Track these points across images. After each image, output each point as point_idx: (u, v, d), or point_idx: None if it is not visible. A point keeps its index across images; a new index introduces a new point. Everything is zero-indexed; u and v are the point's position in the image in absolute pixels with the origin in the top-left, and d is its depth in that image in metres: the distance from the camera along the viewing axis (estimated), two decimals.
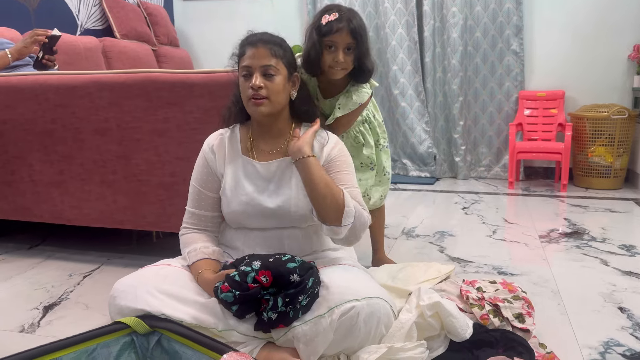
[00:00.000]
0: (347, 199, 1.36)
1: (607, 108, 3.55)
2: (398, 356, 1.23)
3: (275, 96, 1.40)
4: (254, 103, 1.39)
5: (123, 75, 1.95)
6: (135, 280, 1.35)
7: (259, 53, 1.39)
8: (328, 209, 1.35)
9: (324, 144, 1.49)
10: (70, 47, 3.07)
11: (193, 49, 4.61)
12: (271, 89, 1.38)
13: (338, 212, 1.35)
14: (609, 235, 2.49)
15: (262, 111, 1.39)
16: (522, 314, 1.41)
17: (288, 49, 1.47)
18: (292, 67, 1.47)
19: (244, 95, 1.42)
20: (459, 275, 1.93)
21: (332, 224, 1.36)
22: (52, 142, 2.10)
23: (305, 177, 1.38)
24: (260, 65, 1.38)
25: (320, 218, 1.38)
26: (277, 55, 1.40)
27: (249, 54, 1.40)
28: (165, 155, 1.96)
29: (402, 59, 3.96)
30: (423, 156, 4.02)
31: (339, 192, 1.37)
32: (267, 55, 1.39)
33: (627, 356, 1.37)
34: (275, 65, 1.39)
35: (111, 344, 1.23)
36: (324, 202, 1.35)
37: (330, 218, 1.36)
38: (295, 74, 1.48)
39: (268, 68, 1.38)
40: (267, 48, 1.40)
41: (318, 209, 1.37)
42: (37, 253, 2.31)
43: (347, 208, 1.35)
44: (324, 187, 1.35)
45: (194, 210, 1.52)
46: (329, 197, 1.35)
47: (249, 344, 1.28)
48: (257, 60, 1.38)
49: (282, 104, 1.44)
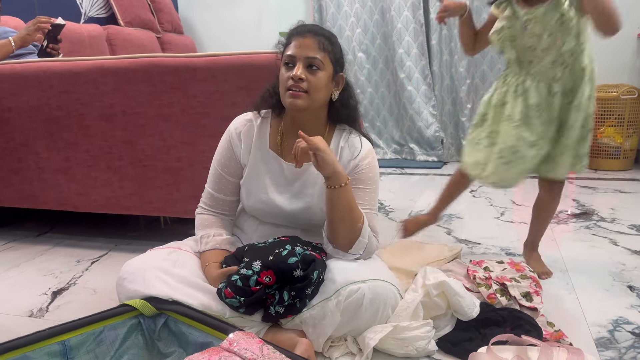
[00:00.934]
0: (365, 229, 1.31)
1: (616, 88, 3.50)
2: (404, 335, 1.22)
3: (316, 92, 1.31)
4: (291, 94, 1.30)
5: (126, 61, 1.95)
6: (144, 263, 1.34)
7: (305, 43, 1.31)
8: (342, 233, 1.30)
9: (355, 153, 1.40)
10: (74, 36, 3.07)
11: (197, 36, 4.59)
12: (313, 83, 1.30)
13: (351, 240, 1.30)
14: (618, 215, 2.47)
15: (299, 104, 1.31)
16: (530, 292, 1.40)
17: (337, 45, 1.37)
18: (339, 65, 1.38)
19: (282, 85, 1.34)
20: (467, 257, 1.92)
21: (340, 248, 1.32)
22: (57, 129, 2.10)
23: (332, 200, 1.28)
24: (305, 57, 1.30)
25: (330, 238, 1.33)
26: (325, 49, 1.32)
27: (295, 43, 1.32)
28: (170, 140, 1.95)
29: (408, 41, 3.92)
30: (430, 140, 3.99)
31: (359, 220, 1.30)
32: (314, 47, 1.31)
33: (636, 334, 1.36)
34: (321, 59, 1.31)
35: (118, 326, 1.23)
36: (340, 225, 1.29)
37: (341, 243, 1.31)
38: (341, 73, 1.39)
39: (313, 60, 1.30)
40: (315, 40, 1.31)
41: (331, 230, 1.32)
42: (45, 240, 2.32)
43: (362, 239, 1.30)
44: (346, 212, 1.29)
45: (212, 192, 1.49)
46: (348, 223, 1.29)
47: (255, 326, 1.28)
48: (302, 51, 1.30)
49: (321, 102, 1.35)
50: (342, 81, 1.41)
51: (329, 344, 1.28)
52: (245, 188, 1.45)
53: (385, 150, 4.21)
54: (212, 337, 1.15)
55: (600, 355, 1.26)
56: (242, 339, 1.01)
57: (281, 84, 1.34)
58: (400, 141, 4.18)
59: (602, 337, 1.35)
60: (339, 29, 4.09)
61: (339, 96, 1.40)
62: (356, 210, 1.30)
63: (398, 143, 4.20)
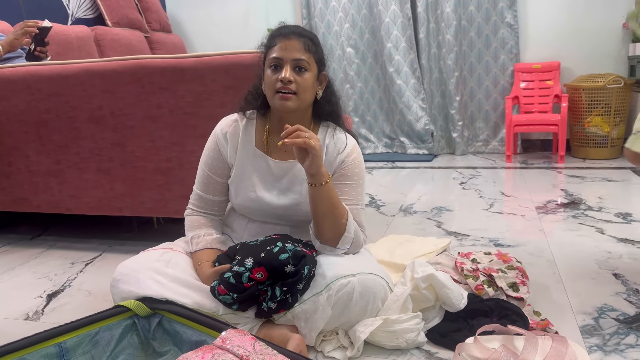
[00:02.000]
0: (349, 224, 1.33)
1: (602, 77, 3.53)
2: (394, 328, 1.25)
3: (304, 93, 1.34)
4: (281, 97, 1.32)
5: (114, 63, 1.95)
6: (137, 264, 1.36)
7: (291, 45, 1.32)
8: (327, 229, 1.33)
9: (341, 149, 1.43)
10: (62, 38, 3.06)
11: (186, 35, 4.58)
12: (300, 85, 1.32)
13: (337, 235, 1.33)
14: (606, 204, 2.51)
15: (289, 106, 1.33)
16: (516, 283, 1.44)
17: (319, 45, 1.40)
18: (322, 64, 1.40)
19: (269, 88, 1.35)
20: (456, 249, 1.95)
21: (327, 243, 1.35)
22: (47, 132, 2.11)
23: (314, 197, 1.31)
24: (293, 59, 1.32)
25: (316, 234, 1.36)
26: (310, 50, 1.34)
27: (281, 45, 1.33)
28: (159, 141, 1.97)
29: (397, 35, 3.94)
30: (420, 133, 4.02)
31: (342, 216, 1.32)
32: (300, 48, 1.32)
33: (620, 320, 1.39)
34: (307, 60, 1.33)
35: (113, 327, 1.25)
36: (323, 220, 1.32)
37: (327, 238, 1.34)
38: (324, 72, 1.42)
39: (300, 62, 1.32)
40: (300, 41, 1.33)
41: (316, 226, 1.34)
42: (39, 243, 2.33)
43: (347, 234, 1.33)
44: (329, 208, 1.31)
45: (200, 193, 1.51)
46: (331, 218, 1.32)
47: (249, 323, 1.30)
48: (288, 53, 1.32)
49: (308, 102, 1.38)
50: (325, 79, 1.43)
51: (321, 338, 1.31)
52: (234, 187, 1.48)
53: (376, 145, 4.24)
54: (206, 335, 1.17)
55: (585, 342, 1.29)
56: (235, 337, 1.04)
57: (269, 86, 1.36)
58: (391, 135, 4.21)
59: (587, 324, 1.38)
60: (327, 24, 4.10)
61: (322, 93, 1.43)
62: (339, 207, 1.33)
63: (389, 137, 4.23)
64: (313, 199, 1.31)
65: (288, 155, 1.45)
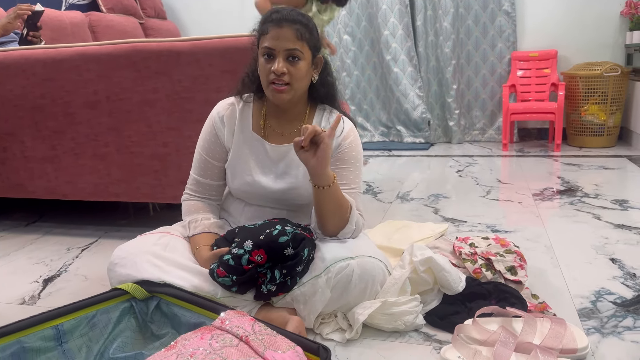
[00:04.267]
0: (352, 216, 1.32)
1: (599, 66, 3.53)
2: (392, 310, 1.25)
3: (298, 83, 1.32)
4: (274, 89, 1.31)
5: (109, 47, 1.93)
6: (134, 248, 1.36)
7: (283, 34, 1.28)
8: (331, 225, 1.32)
9: (337, 133, 1.40)
10: (55, 23, 3.03)
11: (181, 21, 4.54)
12: (294, 75, 1.30)
13: (340, 228, 1.33)
14: (602, 191, 2.51)
15: (283, 98, 1.32)
16: (515, 266, 1.44)
17: (314, 29, 1.35)
18: (317, 49, 1.37)
19: (263, 78, 1.33)
20: (453, 235, 1.95)
21: (328, 235, 1.35)
22: (42, 118, 2.09)
23: (319, 198, 1.29)
24: (285, 49, 1.28)
25: (319, 227, 1.35)
26: (303, 37, 1.30)
27: (273, 34, 1.29)
28: (156, 126, 1.95)
29: (394, 23, 3.92)
30: (417, 122, 4.01)
31: (347, 211, 1.31)
32: (292, 37, 1.28)
33: (617, 303, 1.39)
34: (301, 49, 1.29)
35: (111, 310, 1.24)
36: (328, 218, 1.31)
37: (329, 231, 1.34)
38: (319, 55, 1.38)
39: (293, 52, 1.29)
40: (292, 29, 1.29)
41: (320, 222, 1.33)
42: (34, 229, 2.32)
43: (349, 225, 1.32)
44: (334, 208, 1.30)
45: (198, 177, 1.50)
46: (337, 216, 1.31)
47: (247, 306, 1.30)
48: (281, 43, 1.28)
49: (303, 90, 1.36)
50: (321, 62, 1.41)
51: (320, 320, 1.31)
52: (230, 171, 1.47)
53: (372, 133, 4.23)
54: (205, 318, 1.17)
55: (583, 324, 1.29)
56: (234, 317, 1.03)
57: (263, 75, 1.34)
58: (388, 123, 4.20)
59: (584, 307, 1.38)
60: None
61: (317, 77, 1.41)
62: (344, 204, 1.32)
63: (385, 125, 4.22)
64: (318, 200, 1.29)
65: (285, 139, 1.44)
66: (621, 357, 1.15)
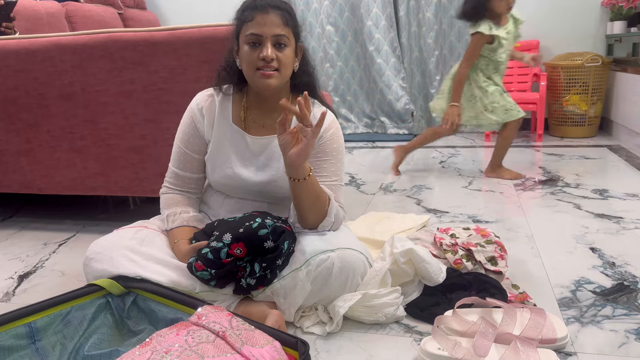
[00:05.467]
0: (331, 208, 1.31)
1: (581, 56, 3.55)
2: (373, 302, 1.24)
3: (285, 69, 1.30)
4: (262, 75, 1.28)
5: (84, 37, 1.88)
6: (111, 243, 1.33)
7: (270, 20, 1.26)
8: (310, 218, 1.31)
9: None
10: (31, 13, 2.95)
11: (161, 11, 4.47)
12: (282, 61, 1.28)
13: (319, 221, 1.31)
14: (583, 181, 2.53)
15: (271, 84, 1.29)
16: (495, 257, 1.44)
17: (295, 16, 1.34)
18: (298, 36, 1.35)
19: (249, 66, 1.30)
20: (435, 225, 1.95)
21: (308, 228, 1.33)
22: (16, 110, 2.04)
23: (296, 191, 1.27)
24: (273, 35, 1.26)
25: (299, 221, 1.33)
26: (289, 23, 1.29)
27: (259, 20, 1.26)
28: (133, 118, 1.91)
29: (376, 13, 3.89)
30: (400, 113, 4.00)
31: (325, 203, 1.30)
32: (279, 23, 1.27)
33: (597, 292, 1.40)
34: (287, 35, 1.28)
35: (86, 306, 1.22)
36: (306, 211, 1.30)
37: (308, 224, 1.32)
38: (300, 43, 1.37)
39: (280, 38, 1.27)
40: (278, 15, 1.27)
41: (299, 214, 1.32)
42: (10, 224, 2.27)
43: (328, 218, 1.31)
44: (312, 201, 1.28)
45: (177, 170, 1.47)
46: (315, 209, 1.30)
47: (226, 300, 1.28)
48: (268, 29, 1.26)
49: (288, 77, 1.34)
50: (301, 51, 1.39)
51: (300, 314, 1.30)
52: (210, 163, 1.44)
53: (356, 125, 4.21)
54: (182, 313, 1.15)
55: (563, 314, 1.30)
56: (211, 313, 1.01)
57: (248, 64, 1.30)
58: (371, 115, 4.18)
59: (564, 297, 1.39)
60: (306, 1, 4.03)
61: (299, 65, 1.39)
62: (322, 196, 1.30)
63: (369, 117, 4.20)
64: (295, 192, 1.28)
65: (266, 131, 1.42)
66: (600, 346, 1.16)
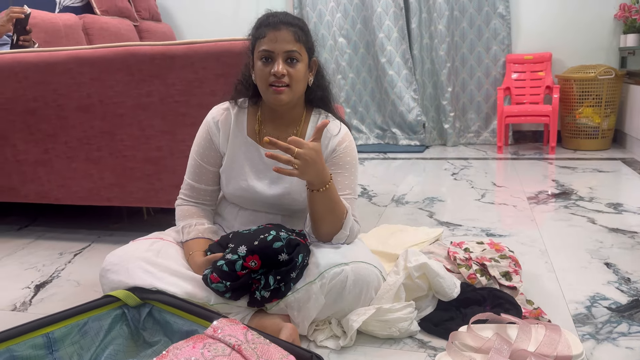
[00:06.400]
0: (347, 221, 1.31)
1: (594, 69, 3.54)
2: (387, 317, 1.24)
3: (297, 84, 1.32)
4: (274, 90, 1.30)
5: (103, 50, 1.92)
6: (127, 254, 1.34)
7: (282, 36, 1.29)
8: (325, 229, 1.32)
9: (332, 135, 1.40)
10: (49, 26, 3.01)
11: (176, 23, 4.53)
12: (293, 77, 1.30)
13: (334, 233, 1.32)
14: (597, 194, 2.51)
15: (283, 99, 1.31)
16: (509, 272, 1.43)
17: (309, 32, 1.37)
18: (312, 51, 1.38)
19: (261, 81, 1.33)
20: (448, 239, 1.94)
21: (322, 240, 1.34)
22: (35, 121, 2.07)
23: (313, 200, 1.27)
24: (284, 51, 1.29)
25: (313, 232, 1.34)
26: (301, 39, 1.31)
27: (271, 36, 1.29)
28: (149, 130, 1.94)
29: (389, 26, 3.91)
30: (412, 124, 4.01)
31: (342, 215, 1.30)
32: (291, 39, 1.29)
33: (612, 309, 1.39)
34: (299, 50, 1.30)
35: (102, 317, 1.23)
36: (322, 222, 1.30)
37: (323, 236, 1.33)
38: (314, 58, 1.39)
39: (292, 53, 1.29)
40: (290, 31, 1.30)
41: (314, 225, 1.32)
42: (26, 234, 2.30)
43: (344, 231, 1.32)
44: (329, 211, 1.29)
45: (192, 182, 1.49)
46: (331, 220, 1.30)
47: (241, 313, 1.29)
48: (280, 45, 1.28)
49: (301, 92, 1.36)
50: (316, 65, 1.41)
51: (314, 327, 1.30)
52: (225, 176, 1.46)
53: (367, 136, 4.23)
54: (197, 325, 1.16)
55: (578, 330, 1.29)
56: (226, 326, 1.02)
57: (261, 79, 1.33)
58: (383, 126, 4.20)
59: (579, 313, 1.38)
60: (319, 14, 4.07)
61: (313, 80, 1.41)
62: (339, 206, 1.31)
63: (380, 128, 4.22)
64: (312, 202, 1.28)
65: None
66: None
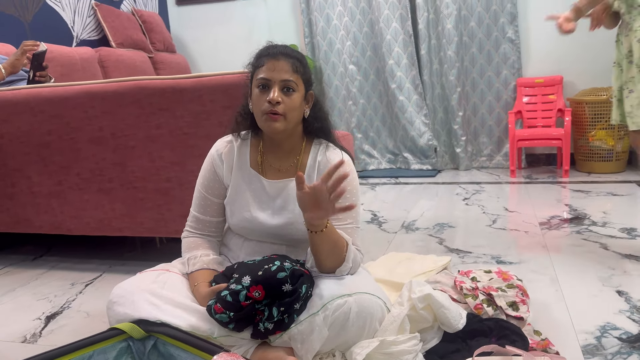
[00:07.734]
0: (349, 254, 1.32)
1: (606, 91, 3.52)
2: (391, 349, 1.23)
3: (291, 113, 1.34)
4: (269, 118, 1.33)
5: (114, 84, 1.97)
6: (133, 286, 1.36)
7: (279, 66, 1.33)
8: (327, 264, 1.32)
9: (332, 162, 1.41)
10: (66, 59, 3.10)
11: (190, 54, 4.63)
12: (288, 106, 1.33)
13: (336, 266, 1.33)
14: (610, 219, 2.48)
15: (277, 127, 1.34)
16: (516, 302, 1.41)
17: (307, 66, 1.40)
18: (309, 84, 1.41)
19: (258, 109, 1.35)
20: (458, 266, 1.93)
21: (325, 272, 1.34)
22: (49, 154, 2.13)
23: (315, 241, 1.29)
24: (281, 80, 1.32)
25: (316, 266, 1.35)
26: (298, 71, 1.35)
27: (269, 65, 1.33)
28: (159, 161, 1.97)
29: (398, 52, 3.95)
30: (423, 149, 4.02)
31: (343, 250, 1.32)
32: (288, 69, 1.33)
33: (623, 339, 1.36)
34: (295, 81, 1.34)
35: (108, 350, 1.24)
36: (325, 259, 1.31)
37: (326, 270, 1.34)
38: (310, 91, 1.42)
39: (288, 83, 1.32)
40: (288, 62, 1.34)
41: (317, 261, 1.33)
42: (40, 264, 2.34)
43: (346, 264, 1.32)
44: (330, 249, 1.30)
45: (198, 215, 1.51)
46: (332, 256, 1.31)
47: (244, 345, 1.29)
48: (277, 74, 1.32)
49: (296, 121, 1.39)
50: (312, 99, 1.44)
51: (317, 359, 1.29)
52: (229, 207, 1.48)
53: (379, 160, 4.24)
54: (200, 359, 1.16)
55: None
56: None
57: (256, 106, 1.36)
58: (394, 151, 4.20)
59: (589, 343, 1.35)
60: (329, 42, 4.13)
61: (310, 112, 1.44)
62: (340, 243, 1.32)
63: (392, 153, 4.23)
64: (313, 242, 1.30)
65: (282, 175, 1.45)
66: None
